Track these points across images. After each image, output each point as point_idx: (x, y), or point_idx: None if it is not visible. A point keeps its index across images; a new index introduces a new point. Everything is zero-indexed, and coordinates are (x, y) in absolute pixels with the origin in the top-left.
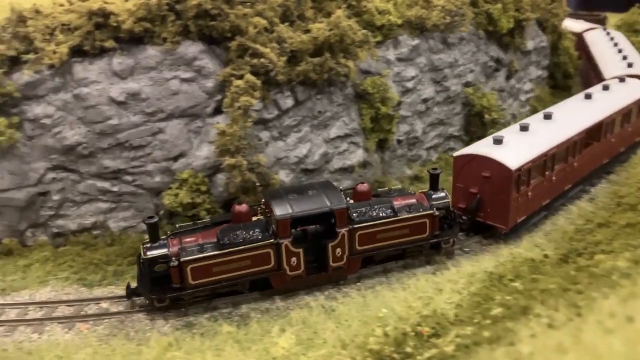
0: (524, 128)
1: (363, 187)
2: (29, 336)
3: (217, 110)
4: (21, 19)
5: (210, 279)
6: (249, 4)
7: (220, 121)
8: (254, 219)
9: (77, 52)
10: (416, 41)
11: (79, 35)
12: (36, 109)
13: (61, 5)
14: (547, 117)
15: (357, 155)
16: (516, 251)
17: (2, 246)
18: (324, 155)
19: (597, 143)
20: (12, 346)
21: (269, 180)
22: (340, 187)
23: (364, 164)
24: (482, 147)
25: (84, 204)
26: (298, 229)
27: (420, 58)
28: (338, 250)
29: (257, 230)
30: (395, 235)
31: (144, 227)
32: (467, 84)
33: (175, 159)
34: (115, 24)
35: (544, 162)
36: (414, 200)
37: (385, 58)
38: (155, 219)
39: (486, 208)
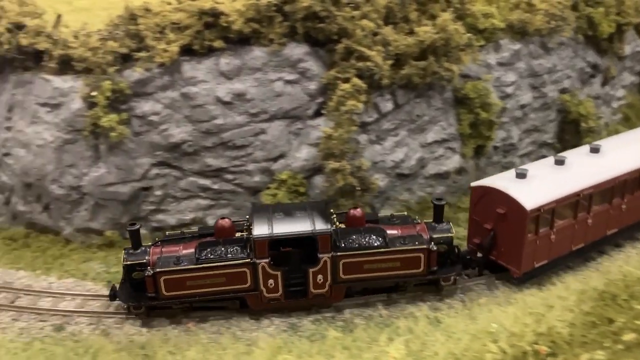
0: (560, 162)
1: (356, 212)
2: (139, 329)
3: (317, 113)
4: (132, 17)
5: (183, 292)
6: (354, 5)
7: (321, 124)
8: (238, 234)
9: (186, 51)
10: (517, 46)
11: (189, 35)
12: (144, 106)
13: (169, 3)
14: (594, 150)
15: (453, 161)
16: (627, 269)
17: (104, 238)
18: (420, 160)
19: None
20: (124, 339)
21: (368, 185)
22: (334, 212)
23: (460, 170)
24: (501, 181)
25: (184, 200)
26: (281, 250)
27: (520, 63)
28: (320, 277)
29: (237, 247)
30: (385, 267)
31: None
32: (563, 90)
33: (275, 159)
34: (225, 24)
35: (575, 202)
36: (413, 231)
37: (486, 62)
38: (137, 226)
39: (500, 247)
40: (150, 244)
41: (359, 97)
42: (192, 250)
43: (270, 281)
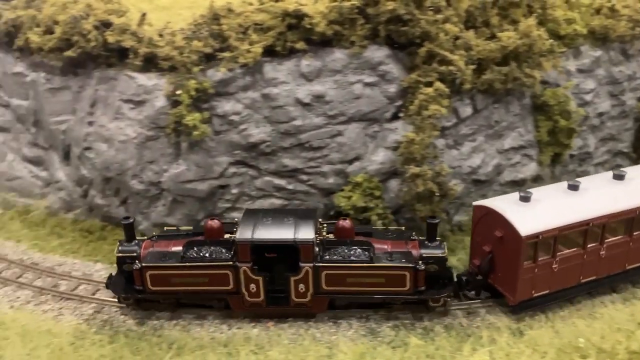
0: (573, 187)
1: (345, 223)
2: (219, 327)
3: (395, 116)
4: (215, 17)
5: (168, 288)
6: (437, 9)
7: (399, 127)
8: (227, 236)
9: (268, 52)
10: (598, 52)
11: (272, 36)
12: (226, 106)
13: (250, 4)
14: (618, 177)
15: (530, 169)
16: None
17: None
18: (497, 166)
19: None
20: (205, 335)
21: (447, 190)
22: (323, 222)
23: (535, 178)
24: (502, 202)
25: (259, 199)
26: (265, 255)
27: (600, 70)
28: (301, 286)
29: (223, 249)
30: (369, 283)
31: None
32: None
33: (351, 162)
34: (308, 26)
35: (584, 232)
36: (403, 248)
37: (565, 69)
38: (131, 220)
39: (497, 271)
40: (145, 238)
41: (441, 101)
42: (181, 248)
43: (252, 285)
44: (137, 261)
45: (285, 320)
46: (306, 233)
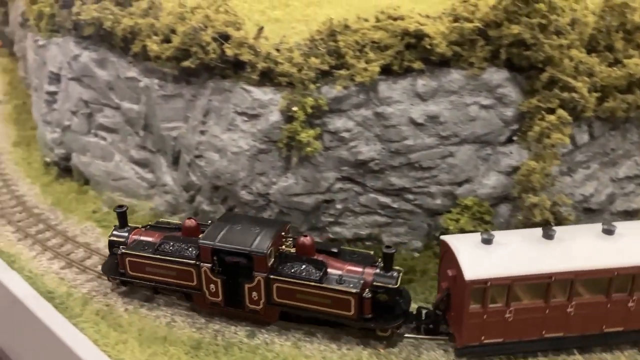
0: (548, 235)
1: (305, 240)
2: (329, 346)
3: (509, 139)
4: (332, 34)
5: (143, 275)
6: (561, 33)
7: (513, 151)
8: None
9: (383, 70)
10: None
11: (390, 55)
12: (337, 122)
13: (366, 20)
14: (607, 232)
15: None
16: None
17: None
18: (610, 195)
19: None
20: (317, 354)
21: (562, 220)
22: (291, 236)
23: None
24: (461, 241)
25: (362, 215)
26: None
27: None
28: (254, 293)
29: (193, 247)
30: (316, 301)
31: (415, 244)
32: None
33: (460, 184)
34: (428, 47)
35: (546, 285)
36: (358, 273)
37: None
38: (125, 208)
39: (452, 310)
40: (138, 226)
41: (564, 130)
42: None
43: (212, 285)
44: (121, 246)
45: (395, 344)
46: (262, 244)
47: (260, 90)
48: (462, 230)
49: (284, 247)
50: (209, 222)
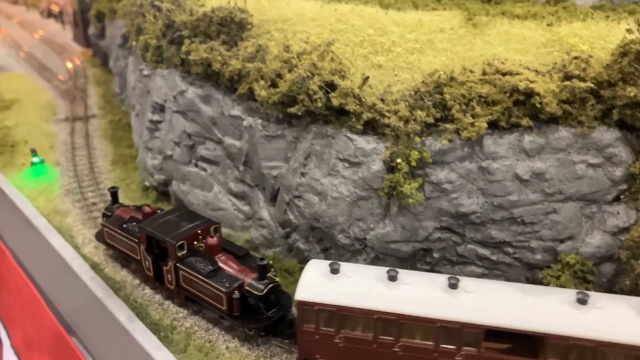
0: (392, 277)
1: (212, 240)
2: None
3: (616, 199)
4: (438, 86)
5: (113, 244)
6: None
7: (620, 211)
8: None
9: (489, 125)
10: None
11: (497, 111)
12: (440, 174)
13: (472, 72)
14: (452, 286)
15: None
16: None
17: None
18: None
19: None
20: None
21: None
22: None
23: None
24: (315, 265)
25: (459, 264)
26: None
27: None
28: (169, 275)
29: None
30: (204, 292)
31: None
32: None
33: (562, 240)
34: (537, 104)
35: (375, 321)
36: (242, 276)
37: None
38: (116, 189)
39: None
40: (127, 205)
41: None
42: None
43: (146, 262)
44: (103, 218)
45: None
46: (176, 237)
47: (363, 139)
48: (563, 288)
49: (196, 243)
50: (159, 210)
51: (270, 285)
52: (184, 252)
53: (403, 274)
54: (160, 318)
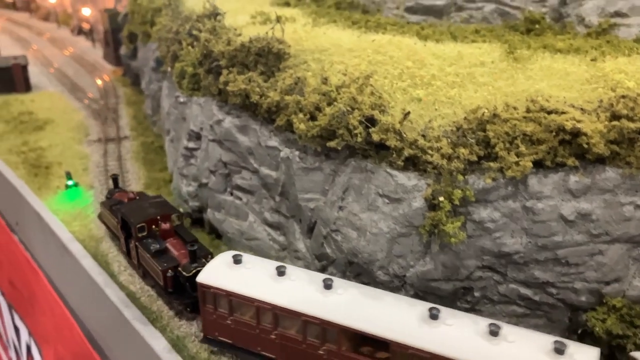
0: (280, 272)
1: (165, 226)
2: None
3: None
4: (481, 123)
5: (106, 222)
6: None
7: None
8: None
9: (534, 163)
10: None
11: (542, 150)
12: (482, 213)
13: (515, 108)
14: (327, 287)
15: None
16: None
17: None
18: None
19: None
20: None
21: None
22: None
23: None
24: (222, 255)
25: (500, 304)
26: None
27: None
28: (132, 252)
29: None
30: (152, 269)
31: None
32: None
33: (608, 282)
34: (584, 145)
35: (255, 309)
36: (180, 257)
37: None
38: (117, 176)
39: None
40: (125, 190)
41: None
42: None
43: (122, 239)
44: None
45: None
46: (137, 219)
47: (404, 175)
48: (609, 332)
49: (154, 227)
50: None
51: (199, 268)
52: (144, 233)
53: (290, 270)
54: (197, 351)
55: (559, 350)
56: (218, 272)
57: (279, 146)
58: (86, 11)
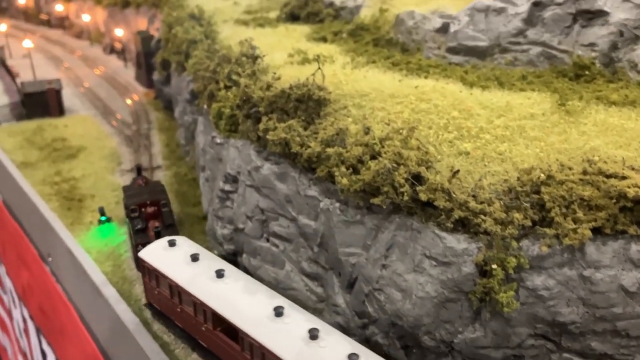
0: (194, 259)
1: (149, 209)
2: None
3: None
4: (535, 185)
5: (125, 202)
6: None
7: None
8: None
9: (592, 230)
10: None
11: (602, 217)
12: (536, 280)
13: (570, 168)
14: (220, 276)
15: None
16: None
17: None
18: None
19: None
20: None
21: None
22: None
23: None
24: (163, 240)
25: None
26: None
27: None
28: (129, 229)
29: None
30: (135, 243)
31: None
32: None
33: None
34: None
35: (168, 285)
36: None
37: None
38: (140, 165)
39: None
40: (146, 177)
41: None
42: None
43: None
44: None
45: None
46: (131, 202)
47: (453, 237)
48: None
49: (144, 210)
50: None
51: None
52: (136, 214)
53: (204, 256)
54: None
55: None
56: (154, 252)
57: (319, 196)
58: (119, 32)
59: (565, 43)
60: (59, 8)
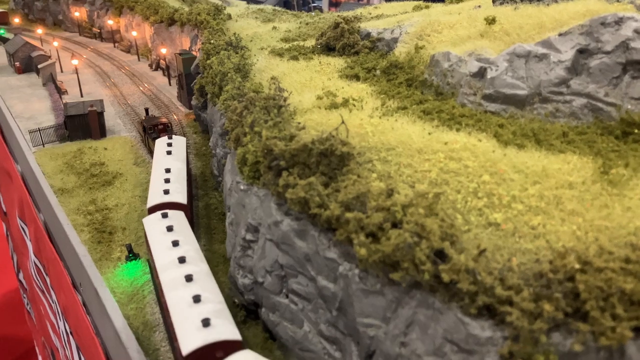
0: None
1: (160, 127)
2: None
3: None
4: (569, 273)
5: (140, 131)
6: None
7: None
8: None
9: (633, 330)
10: None
11: None
12: None
13: (610, 252)
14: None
15: None
16: None
17: None
18: None
19: None
20: None
21: None
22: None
23: None
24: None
25: None
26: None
27: None
28: (146, 139)
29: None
30: (150, 145)
31: None
32: None
33: None
34: None
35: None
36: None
37: None
38: (147, 108)
39: None
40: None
41: None
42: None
43: (144, 134)
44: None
45: None
46: (149, 125)
47: (477, 323)
48: None
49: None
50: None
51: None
52: (151, 131)
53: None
54: None
55: None
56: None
57: (338, 259)
58: (163, 51)
59: (612, 95)
60: (109, 22)
